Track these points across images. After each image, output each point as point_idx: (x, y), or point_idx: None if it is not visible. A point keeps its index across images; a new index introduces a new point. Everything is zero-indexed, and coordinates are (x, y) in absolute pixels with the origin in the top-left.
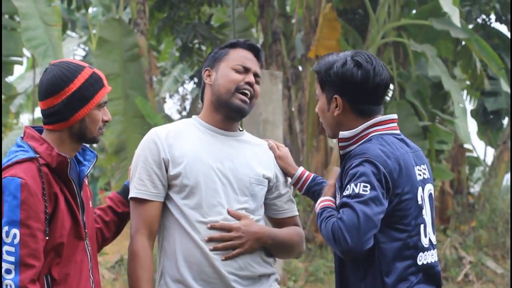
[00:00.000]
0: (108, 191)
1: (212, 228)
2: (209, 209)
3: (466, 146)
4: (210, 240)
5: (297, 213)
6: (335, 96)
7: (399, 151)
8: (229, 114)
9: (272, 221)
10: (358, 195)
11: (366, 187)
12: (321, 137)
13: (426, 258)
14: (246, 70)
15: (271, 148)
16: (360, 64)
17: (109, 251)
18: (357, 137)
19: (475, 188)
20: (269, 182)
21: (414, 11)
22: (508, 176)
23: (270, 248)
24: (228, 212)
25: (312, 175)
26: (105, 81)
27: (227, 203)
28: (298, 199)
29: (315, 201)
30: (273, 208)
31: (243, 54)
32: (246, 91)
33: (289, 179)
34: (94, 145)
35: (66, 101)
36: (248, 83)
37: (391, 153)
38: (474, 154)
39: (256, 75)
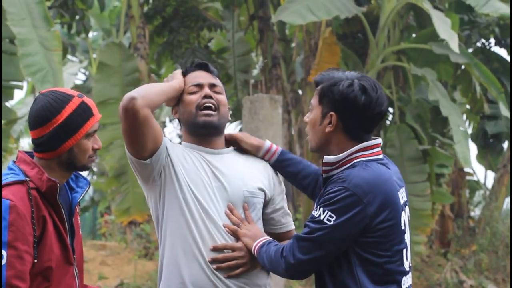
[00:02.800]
0: (109, 215)
1: (214, 249)
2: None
3: (466, 169)
4: (214, 261)
5: (293, 227)
6: (332, 113)
7: (383, 178)
8: (200, 132)
9: (270, 236)
10: (321, 222)
11: (332, 217)
12: (321, 161)
13: (407, 281)
14: (200, 87)
15: (229, 136)
16: (365, 90)
17: (109, 275)
18: (341, 162)
19: (476, 212)
20: (265, 196)
21: (413, 35)
22: (508, 199)
23: None
24: (225, 226)
25: (280, 148)
26: (94, 110)
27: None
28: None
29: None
30: (271, 223)
31: (194, 75)
32: (207, 105)
33: (283, 185)
34: (95, 169)
35: (53, 132)
36: (205, 96)
37: (374, 181)
38: (475, 178)
39: (213, 85)
